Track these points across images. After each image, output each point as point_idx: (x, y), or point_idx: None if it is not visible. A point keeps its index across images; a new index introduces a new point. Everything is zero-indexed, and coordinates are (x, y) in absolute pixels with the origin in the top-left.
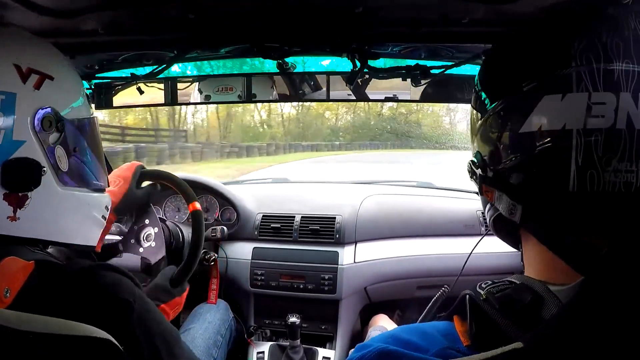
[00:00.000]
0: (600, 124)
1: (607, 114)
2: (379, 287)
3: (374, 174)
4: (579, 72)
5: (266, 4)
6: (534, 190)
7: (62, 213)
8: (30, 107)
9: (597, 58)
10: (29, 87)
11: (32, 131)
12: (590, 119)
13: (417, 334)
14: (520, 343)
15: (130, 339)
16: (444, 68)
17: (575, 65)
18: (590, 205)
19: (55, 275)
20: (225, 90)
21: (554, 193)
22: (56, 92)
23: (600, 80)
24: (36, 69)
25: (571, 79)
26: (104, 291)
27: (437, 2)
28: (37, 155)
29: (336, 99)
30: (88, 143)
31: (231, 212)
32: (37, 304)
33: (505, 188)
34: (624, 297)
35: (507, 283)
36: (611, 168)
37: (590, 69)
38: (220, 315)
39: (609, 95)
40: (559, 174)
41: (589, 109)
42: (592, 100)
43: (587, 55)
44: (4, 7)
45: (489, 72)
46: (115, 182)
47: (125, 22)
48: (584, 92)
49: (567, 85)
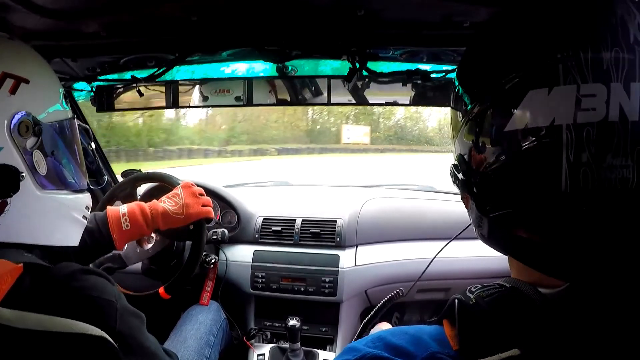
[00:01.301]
0: (591, 117)
1: (598, 106)
2: (379, 290)
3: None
4: (566, 62)
5: (268, 7)
6: (521, 192)
7: (42, 216)
8: (6, 113)
9: (583, 47)
10: (4, 92)
11: (9, 137)
12: (580, 112)
13: (407, 338)
14: (517, 350)
15: (117, 336)
16: (444, 72)
17: (561, 56)
18: (585, 205)
19: (43, 279)
20: (222, 92)
21: (545, 194)
22: (32, 96)
23: (588, 70)
24: (11, 72)
25: (557, 70)
26: (88, 293)
27: (438, 6)
28: (14, 161)
29: (337, 102)
30: (66, 145)
31: (232, 215)
32: (25, 306)
33: (474, 195)
34: (621, 301)
35: (497, 286)
36: (605, 164)
37: (577, 58)
38: (212, 316)
39: (599, 87)
40: (549, 173)
41: (578, 102)
42: (581, 92)
43: (573, 45)
44: (6, 9)
45: (468, 67)
46: (179, 208)
47: (127, 24)
48: (572, 84)
49: (554, 78)
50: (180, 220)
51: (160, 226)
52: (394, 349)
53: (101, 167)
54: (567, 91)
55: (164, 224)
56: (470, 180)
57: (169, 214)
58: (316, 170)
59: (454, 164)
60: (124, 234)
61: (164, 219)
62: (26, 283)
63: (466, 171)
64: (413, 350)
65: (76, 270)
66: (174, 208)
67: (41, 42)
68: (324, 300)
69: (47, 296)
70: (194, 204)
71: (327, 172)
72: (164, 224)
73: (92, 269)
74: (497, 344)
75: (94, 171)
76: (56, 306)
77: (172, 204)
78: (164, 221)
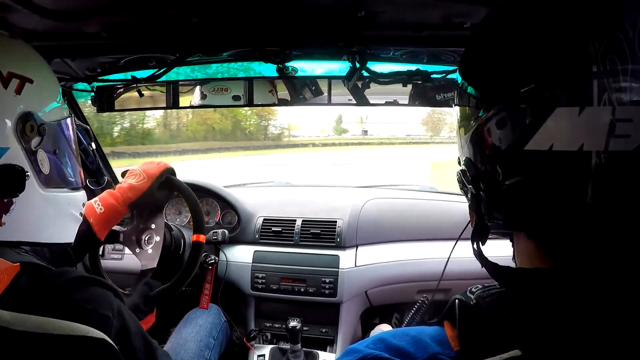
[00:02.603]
0: (624, 145)
1: (634, 133)
2: (379, 291)
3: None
4: (602, 78)
5: (268, 8)
6: (537, 216)
7: (45, 215)
8: (12, 113)
9: (623, 61)
10: (10, 92)
11: (15, 137)
12: (614, 139)
13: (407, 339)
14: (518, 351)
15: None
16: (445, 73)
17: (597, 71)
18: (607, 237)
19: (41, 280)
20: (220, 91)
21: (565, 223)
22: (36, 96)
23: (627, 90)
24: (16, 72)
25: (592, 88)
26: (83, 306)
27: (438, 6)
28: (20, 160)
29: (337, 103)
30: (66, 144)
31: (232, 215)
32: (21, 307)
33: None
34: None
35: (498, 287)
36: (635, 197)
37: (616, 74)
38: (212, 318)
39: (637, 110)
40: (572, 203)
41: (612, 127)
42: (617, 116)
43: (611, 57)
44: (7, 9)
45: (480, 63)
46: (139, 176)
47: (127, 25)
48: (607, 105)
49: (587, 96)
50: (145, 184)
51: (131, 197)
52: (394, 350)
53: (101, 167)
54: (600, 113)
55: (133, 195)
56: (480, 194)
57: (133, 185)
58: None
59: (462, 169)
60: (99, 218)
61: (131, 191)
62: (23, 283)
63: (476, 181)
64: (414, 351)
65: (76, 278)
66: (135, 179)
67: (42, 42)
68: (324, 301)
69: (43, 300)
70: (150, 166)
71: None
72: (133, 194)
73: (94, 277)
74: (498, 345)
75: (94, 171)
76: (51, 312)
77: (132, 177)
78: (132, 192)
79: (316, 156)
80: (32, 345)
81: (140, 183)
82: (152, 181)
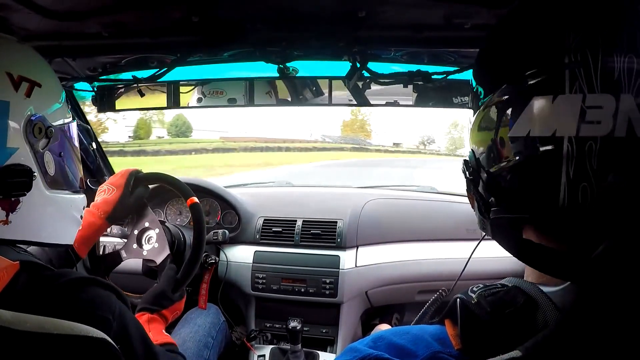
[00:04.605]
0: (595, 131)
1: (604, 119)
2: (380, 291)
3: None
4: (573, 68)
5: (269, 8)
6: (521, 198)
7: (49, 215)
8: (22, 115)
9: (594, 53)
10: (21, 95)
11: (24, 138)
12: (584, 125)
13: (408, 338)
14: (519, 351)
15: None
16: (446, 74)
17: (569, 62)
18: (582, 218)
19: (41, 280)
20: (215, 94)
21: (542, 205)
22: (44, 99)
23: (597, 79)
24: (26, 76)
25: (563, 77)
26: (83, 307)
27: (439, 7)
28: (28, 161)
29: (338, 103)
30: (70, 147)
31: (233, 216)
32: (21, 306)
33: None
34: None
35: (500, 286)
36: (607, 182)
37: (587, 65)
38: (211, 318)
39: (607, 98)
40: (547, 185)
41: (582, 114)
42: (587, 103)
43: (582, 50)
44: (8, 9)
45: (479, 66)
46: (109, 190)
47: (129, 25)
48: (578, 93)
49: (559, 85)
50: (116, 194)
51: (107, 210)
52: (395, 348)
53: (102, 167)
54: (571, 101)
55: (108, 207)
56: (476, 179)
57: (106, 199)
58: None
59: (465, 159)
60: (78, 236)
61: (105, 205)
62: (22, 281)
63: (474, 169)
64: (415, 349)
65: (77, 279)
66: (105, 194)
67: (43, 42)
68: (324, 302)
69: (43, 300)
70: (113, 178)
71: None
72: (108, 207)
73: (96, 278)
74: (498, 344)
75: (95, 171)
76: (51, 312)
77: (102, 192)
78: (107, 206)
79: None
80: (32, 345)
81: (112, 195)
82: (121, 189)
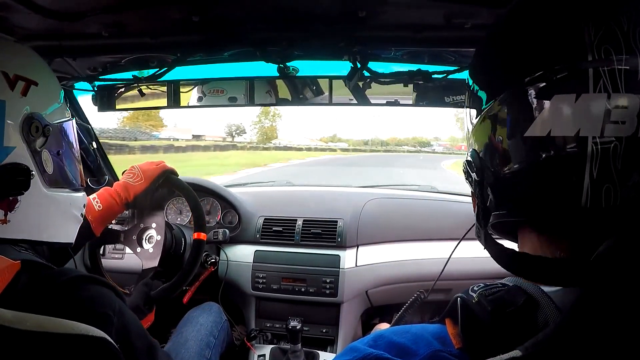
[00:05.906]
0: (620, 131)
1: (628, 119)
2: (380, 291)
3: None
4: (597, 67)
5: (270, 8)
6: (537, 202)
7: (48, 214)
8: (19, 114)
9: (617, 50)
10: (17, 94)
11: (21, 137)
12: (609, 125)
13: (409, 336)
14: (519, 351)
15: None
16: (446, 73)
17: (593, 59)
18: (604, 220)
19: (42, 279)
20: (216, 93)
21: (563, 207)
22: (41, 97)
23: (622, 78)
24: (22, 75)
25: (587, 76)
26: (84, 304)
27: (439, 7)
28: (26, 160)
29: (338, 103)
30: (69, 145)
31: (233, 215)
32: (22, 305)
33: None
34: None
35: (500, 286)
36: (630, 183)
37: (610, 64)
38: (213, 318)
39: (631, 98)
40: (569, 186)
41: (607, 114)
42: (612, 103)
43: (605, 47)
44: (8, 9)
45: (485, 61)
46: (137, 176)
47: (129, 24)
48: (602, 92)
49: (583, 84)
50: (142, 184)
51: (128, 197)
52: (395, 347)
53: (102, 166)
54: (596, 100)
55: (130, 195)
56: (482, 180)
57: (131, 184)
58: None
59: (468, 160)
60: (97, 215)
61: (128, 190)
62: (23, 281)
63: (479, 170)
64: (415, 348)
65: (77, 277)
66: (132, 178)
67: (43, 42)
68: (324, 301)
69: (44, 299)
70: (148, 167)
71: None
72: (130, 194)
73: (95, 277)
74: (499, 344)
75: (95, 170)
76: (52, 311)
77: (130, 176)
78: (129, 192)
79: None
80: (32, 344)
81: (137, 183)
82: (149, 182)
